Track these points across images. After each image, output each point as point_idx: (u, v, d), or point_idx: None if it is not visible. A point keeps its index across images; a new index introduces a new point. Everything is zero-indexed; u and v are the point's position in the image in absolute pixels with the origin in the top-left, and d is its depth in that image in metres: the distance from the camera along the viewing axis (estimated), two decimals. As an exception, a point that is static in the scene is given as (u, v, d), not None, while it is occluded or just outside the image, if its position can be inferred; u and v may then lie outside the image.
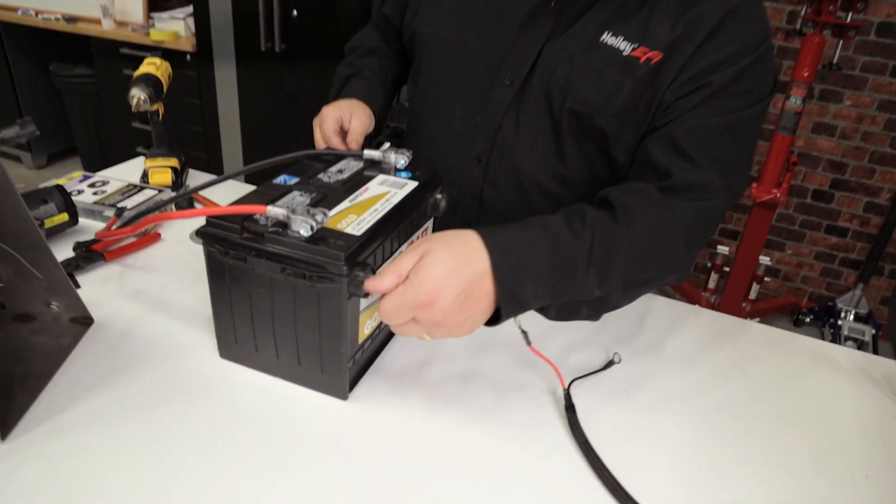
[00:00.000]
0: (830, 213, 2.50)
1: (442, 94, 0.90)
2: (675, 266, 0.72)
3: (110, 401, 0.63)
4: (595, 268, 0.63)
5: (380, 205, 0.66)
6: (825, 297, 2.62)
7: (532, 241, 0.61)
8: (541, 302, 0.63)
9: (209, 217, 0.60)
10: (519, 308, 0.62)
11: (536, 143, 0.82)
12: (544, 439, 0.64)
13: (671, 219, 0.69)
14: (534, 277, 0.61)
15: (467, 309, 0.58)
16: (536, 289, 0.61)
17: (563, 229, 0.63)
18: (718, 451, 0.64)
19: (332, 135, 0.83)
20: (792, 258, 2.63)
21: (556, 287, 0.62)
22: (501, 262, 0.59)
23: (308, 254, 0.57)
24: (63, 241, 0.89)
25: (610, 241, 0.64)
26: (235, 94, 2.48)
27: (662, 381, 0.73)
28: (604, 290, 0.66)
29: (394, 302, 0.57)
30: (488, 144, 0.85)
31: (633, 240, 0.66)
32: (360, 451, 0.60)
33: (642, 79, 0.73)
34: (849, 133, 2.36)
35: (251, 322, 0.64)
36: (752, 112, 0.73)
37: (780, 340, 0.84)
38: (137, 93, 0.92)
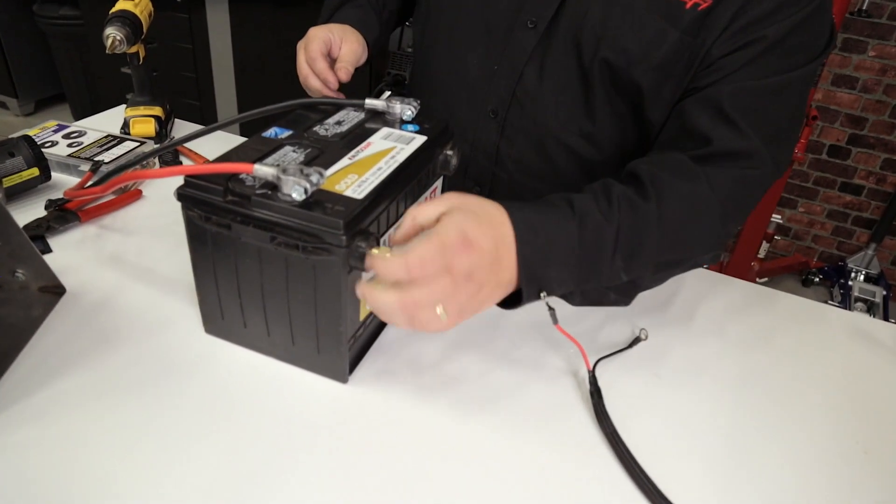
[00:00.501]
0: (846, 170, 2.40)
1: (453, 36, 0.80)
2: (710, 245, 0.65)
3: (83, 382, 0.56)
4: (622, 253, 0.57)
5: (384, 162, 0.58)
6: (836, 256, 2.56)
7: (560, 222, 0.55)
8: (563, 288, 0.57)
9: (187, 176, 0.52)
10: (543, 290, 0.55)
11: (562, 95, 0.73)
12: (566, 427, 0.57)
13: (707, 194, 0.61)
14: (559, 261, 0.55)
15: (495, 272, 0.51)
16: (561, 273, 0.55)
17: (591, 209, 0.57)
18: (757, 442, 0.58)
19: (317, 56, 0.75)
20: (803, 216, 2.55)
21: (582, 274, 0.56)
22: (527, 239, 0.52)
23: (301, 221, 0.49)
24: (35, 198, 0.81)
25: (638, 222, 0.58)
26: (229, 37, 2.35)
27: (693, 360, 0.67)
28: (631, 275, 0.59)
29: (425, 247, 0.47)
30: (506, 96, 0.76)
31: (664, 219, 0.59)
32: (362, 440, 0.54)
33: (688, 28, 0.64)
34: (871, 86, 2.24)
35: (238, 296, 0.56)
36: (805, 71, 0.64)
37: (817, 314, 0.77)
38: (113, 32, 0.82)
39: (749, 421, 0.60)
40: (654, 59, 0.66)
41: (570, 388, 0.61)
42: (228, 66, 2.42)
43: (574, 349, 0.61)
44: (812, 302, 0.77)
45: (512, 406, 0.58)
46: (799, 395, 0.64)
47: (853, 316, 0.76)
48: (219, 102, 2.54)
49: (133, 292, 0.67)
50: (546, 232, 0.54)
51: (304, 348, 0.57)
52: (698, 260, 0.66)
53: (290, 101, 0.67)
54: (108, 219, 0.78)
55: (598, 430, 0.57)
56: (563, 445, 0.55)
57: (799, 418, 0.61)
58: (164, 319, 0.64)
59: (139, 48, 0.92)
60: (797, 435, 0.59)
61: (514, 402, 0.59)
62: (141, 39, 0.88)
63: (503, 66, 0.75)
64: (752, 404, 0.62)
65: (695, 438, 0.57)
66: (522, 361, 0.64)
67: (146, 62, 0.95)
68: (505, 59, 0.75)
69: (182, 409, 0.55)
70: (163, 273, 0.70)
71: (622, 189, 0.59)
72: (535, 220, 0.54)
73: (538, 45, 0.72)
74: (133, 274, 0.70)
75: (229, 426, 0.53)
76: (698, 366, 0.66)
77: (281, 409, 0.55)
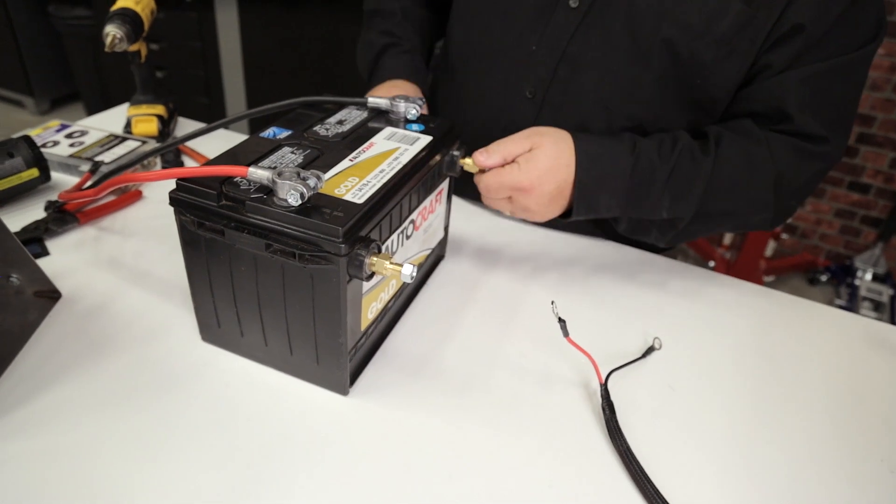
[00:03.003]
0: (854, 169, 2.34)
1: (490, 20, 0.77)
2: (760, 206, 0.69)
3: (75, 393, 0.54)
4: (670, 191, 0.66)
5: (386, 164, 0.55)
6: (842, 255, 2.50)
7: (617, 157, 0.66)
8: (611, 212, 0.68)
9: (180, 180, 0.49)
10: (590, 212, 0.67)
11: (608, 76, 0.71)
12: (577, 443, 0.54)
13: (763, 156, 0.67)
14: (610, 190, 0.66)
15: (553, 203, 0.66)
16: (610, 201, 0.67)
17: (650, 150, 0.66)
18: (777, 460, 0.54)
19: None
20: (811, 215, 2.49)
21: (630, 202, 0.67)
22: (585, 167, 0.65)
23: (298, 227, 0.47)
24: (35, 200, 0.79)
25: (692, 171, 0.66)
26: (238, 36, 2.34)
27: (708, 371, 0.63)
28: (673, 213, 0.68)
29: (498, 180, 0.64)
30: (546, 77, 0.73)
31: (716, 169, 0.66)
32: (363, 455, 0.51)
33: None
34: (880, 84, 2.17)
35: (234, 305, 0.54)
36: (868, 51, 0.65)
37: (841, 322, 0.73)
38: (112, 30, 0.80)
39: (768, 437, 0.57)
40: (717, 31, 0.64)
41: (581, 401, 0.58)
42: (238, 64, 2.41)
43: (585, 359, 0.58)
44: (837, 310, 0.74)
45: (520, 421, 0.56)
46: (822, 408, 0.60)
47: (879, 326, 0.72)
48: (228, 101, 2.53)
49: (130, 297, 0.65)
50: (602, 165, 0.66)
51: (303, 359, 0.54)
52: (748, 219, 0.71)
53: (291, 99, 0.65)
54: (107, 220, 0.76)
55: (610, 447, 0.54)
56: (574, 462, 0.52)
57: (823, 434, 0.58)
58: (161, 326, 0.62)
59: (141, 46, 0.90)
60: (821, 452, 0.56)
61: (523, 416, 0.56)
62: (142, 37, 0.86)
63: (542, 46, 0.72)
64: (771, 419, 0.59)
65: (711, 456, 0.54)
66: (531, 373, 0.61)
67: (148, 60, 0.93)
68: (545, 40, 0.72)
69: (177, 420, 0.52)
70: (161, 277, 0.68)
71: (688, 141, 0.68)
72: (596, 152, 0.66)
73: (581, 24, 0.70)
74: (130, 278, 0.68)
75: (226, 439, 0.51)
76: (714, 377, 0.63)
77: (279, 421, 0.53)
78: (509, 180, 0.64)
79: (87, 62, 2.93)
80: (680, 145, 0.67)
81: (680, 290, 0.74)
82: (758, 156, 0.67)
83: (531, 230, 0.83)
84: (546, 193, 0.64)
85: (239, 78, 2.44)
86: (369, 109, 0.66)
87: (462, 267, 0.75)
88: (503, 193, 0.65)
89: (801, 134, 0.67)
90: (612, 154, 0.66)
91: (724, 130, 0.68)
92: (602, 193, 0.66)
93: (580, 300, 0.71)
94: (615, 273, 0.76)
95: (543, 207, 0.66)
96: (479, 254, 0.77)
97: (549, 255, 0.79)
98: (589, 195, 0.66)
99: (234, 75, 2.44)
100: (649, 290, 0.74)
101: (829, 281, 2.44)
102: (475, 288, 0.71)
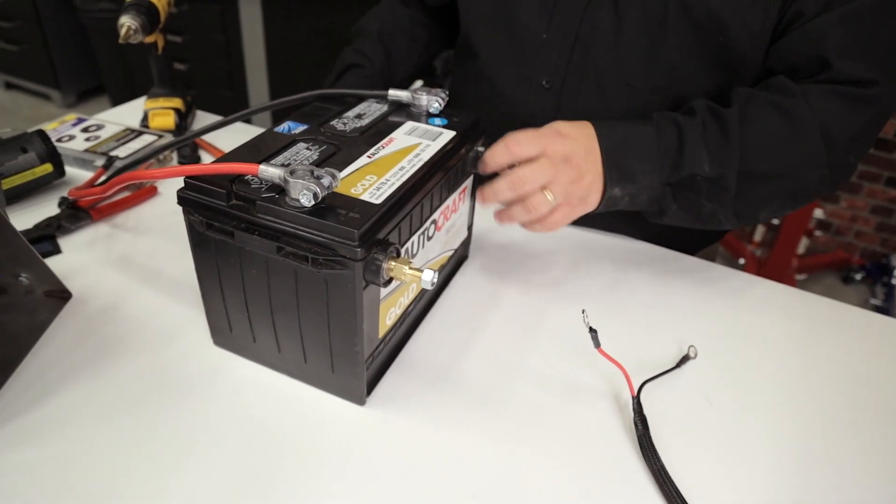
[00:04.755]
0: (892, 164, 2.25)
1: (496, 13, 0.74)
2: (809, 161, 0.62)
3: (84, 397, 0.52)
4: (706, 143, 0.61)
5: (407, 161, 0.52)
6: (878, 253, 2.40)
7: (637, 125, 0.63)
8: (649, 177, 0.62)
9: (188, 178, 0.47)
10: (624, 181, 0.62)
11: (625, 52, 0.67)
12: (607, 460, 0.50)
13: (801, 108, 0.61)
14: (640, 152, 0.62)
15: (592, 161, 0.60)
16: (643, 164, 0.62)
17: (668, 114, 0.63)
18: (826, 478, 0.50)
19: None
20: (846, 211, 2.40)
21: (664, 163, 0.62)
22: (607, 133, 0.61)
23: (311, 229, 0.44)
24: (49, 195, 0.78)
25: (720, 121, 0.62)
26: (261, 28, 2.32)
27: (747, 383, 0.59)
28: (718, 167, 0.61)
29: (521, 132, 0.59)
30: (561, 64, 0.70)
31: (750, 126, 0.61)
32: (380, 469, 0.48)
33: None
34: None
35: (246, 309, 0.51)
36: None
37: (888, 329, 0.68)
38: (127, 21, 0.78)
39: (815, 454, 0.52)
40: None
41: (611, 415, 0.54)
42: (261, 57, 2.40)
43: (615, 368, 0.55)
44: (886, 318, 0.69)
45: (546, 435, 0.52)
46: (873, 423, 0.56)
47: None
48: (251, 94, 2.52)
49: (142, 297, 0.63)
50: (623, 130, 0.62)
51: (318, 367, 0.52)
52: (804, 179, 0.64)
53: (308, 92, 0.62)
54: (121, 217, 0.74)
55: (642, 465, 0.50)
56: (604, 481, 0.49)
57: (875, 451, 0.53)
58: (172, 329, 0.59)
59: (157, 38, 0.88)
60: (873, 472, 0.51)
61: (549, 430, 0.53)
62: (159, 29, 0.84)
63: (553, 33, 0.69)
64: (817, 434, 0.54)
65: (752, 476, 0.50)
66: (557, 383, 0.57)
67: (165, 52, 0.91)
68: (554, 26, 0.69)
69: (188, 427, 0.50)
70: (174, 276, 0.66)
71: (706, 102, 0.64)
72: (614, 123, 0.62)
73: (589, 4, 0.67)
74: (142, 277, 0.65)
75: (237, 448, 0.48)
76: (754, 389, 0.58)
77: (292, 431, 0.50)
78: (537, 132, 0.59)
79: (113, 55, 2.94)
80: (697, 105, 0.63)
81: (714, 294, 0.70)
82: (794, 109, 0.61)
83: (558, 229, 0.79)
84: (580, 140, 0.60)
85: (262, 71, 2.43)
86: (389, 103, 0.63)
87: (486, 269, 0.71)
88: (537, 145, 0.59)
89: (844, 81, 0.61)
90: (629, 125, 0.62)
91: (753, 90, 0.64)
92: (632, 157, 0.61)
93: (609, 304, 0.67)
94: (646, 275, 0.72)
95: (583, 158, 0.60)
96: (504, 254, 0.74)
97: (576, 255, 0.75)
98: (618, 159, 0.61)
99: (258, 68, 2.43)
100: (682, 294, 0.70)
101: (864, 280, 2.36)
102: (499, 291, 0.68)
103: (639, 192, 0.63)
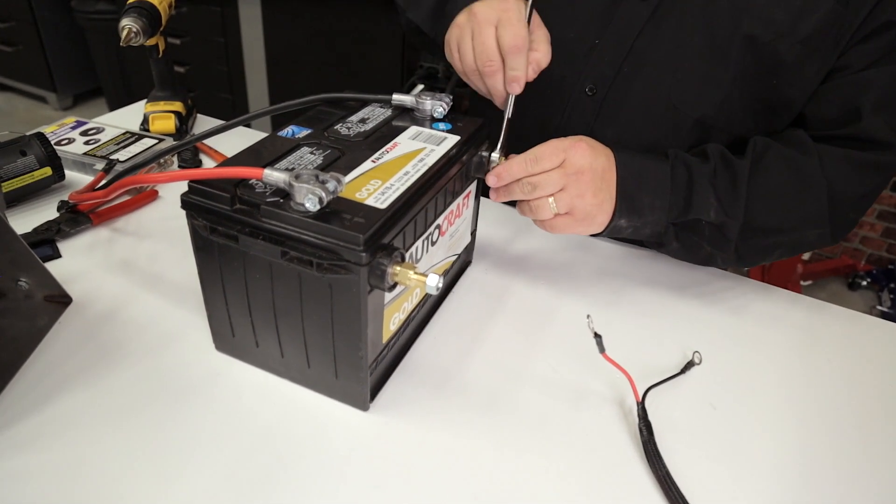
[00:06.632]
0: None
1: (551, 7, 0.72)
2: (814, 221, 0.64)
3: (84, 403, 0.52)
4: (715, 188, 0.62)
5: (411, 166, 0.52)
6: (885, 259, 2.40)
7: (654, 160, 0.63)
8: (656, 214, 0.63)
9: (191, 182, 0.46)
10: (632, 214, 0.62)
11: (679, 74, 0.67)
12: (611, 465, 0.50)
13: (812, 167, 0.62)
14: (652, 187, 0.62)
15: (607, 185, 0.61)
16: (654, 200, 0.62)
17: (685, 155, 0.64)
18: (831, 486, 0.50)
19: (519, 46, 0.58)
20: (852, 216, 2.40)
21: (674, 204, 0.62)
22: (625, 163, 0.61)
23: (316, 234, 0.43)
24: (48, 199, 0.77)
25: (734, 171, 0.62)
26: (261, 31, 2.32)
27: (753, 388, 0.59)
28: (722, 214, 0.62)
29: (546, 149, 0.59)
30: (609, 73, 0.69)
31: (760, 177, 0.62)
32: (383, 474, 0.48)
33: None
34: None
35: (249, 314, 0.51)
36: None
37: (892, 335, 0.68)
38: (128, 23, 0.77)
39: (821, 461, 0.52)
40: (803, 31, 0.60)
41: (616, 421, 0.54)
42: (260, 60, 2.40)
43: (619, 374, 0.54)
44: (890, 324, 0.69)
45: (550, 441, 0.52)
46: (879, 429, 0.56)
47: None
48: (251, 97, 2.51)
49: (143, 302, 0.62)
50: (641, 162, 0.62)
51: (321, 372, 0.51)
52: (803, 236, 0.65)
53: (311, 95, 0.62)
54: (121, 221, 0.74)
55: (647, 471, 0.50)
56: (608, 487, 0.48)
57: (881, 457, 0.53)
58: (173, 333, 0.59)
59: (159, 40, 0.87)
60: (881, 479, 0.51)
61: (553, 436, 0.52)
62: (160, 31, 0.84)
63: (607, 40, 0.68)
64: (823, 441, 0.54)
65: (758, 482, 0.50)
66: (562, 389, 0.57)
67: (166, 55, 0.91)
68: (610, 33, 0.68)
69: (189, 433, 0.50)
70: (174, 281, 0.65)
71: (719, 147, 0.65)
72: (635, 154, 0.63)
73: (652, 17, 0.66)
74: (143, 282, 0.65)
75: (239, 454, 0.48)
76: (759, 395, 0.58)
77: (295, 437, 0.50)
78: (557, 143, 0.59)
79: (110, 57, 2.94)
80: (711, 149, 0.64)
81: (719, 300, 0.70)
82: (805, 167, 0.62)
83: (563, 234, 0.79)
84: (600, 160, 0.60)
85: (262, 74, 2.42)
86: (393, 107, 0.63)
87: (490, 274, 0.71)
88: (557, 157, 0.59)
89: (863, 139, 0.62)
90: (647, 159, 0.63)
91: (770, 141, 0.65)
92: (644, 190, 0.62)
93: (613, 309, 0.67)
94: (650, 281, 0.72)
95: (598, 178, 0.60)
96: (507, 259, 0.74)
97: (580, 261, 0.74)
98: (631, 191, 0.61)
99: (257, 71, 2.43)
100: (686, 300, 0.69)
101: (870, 286, 2.36)
102: (503, 296, 0.67)
103: (643, 225, 0.64)
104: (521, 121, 0.69)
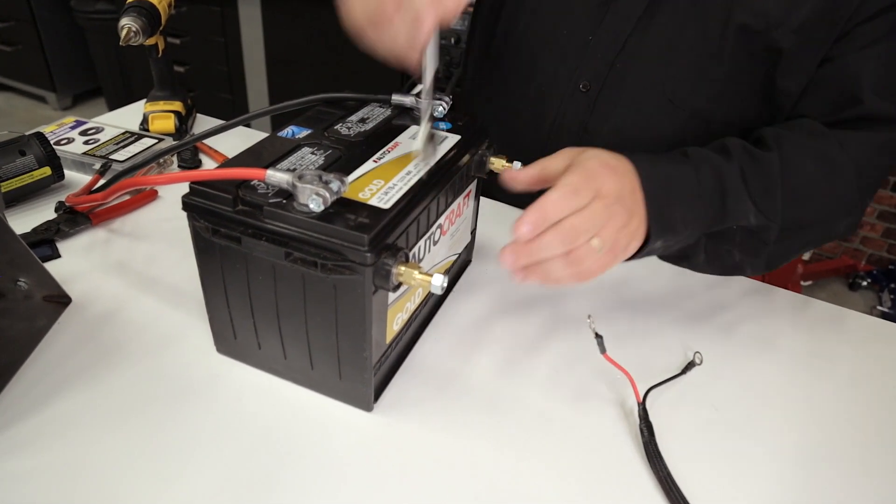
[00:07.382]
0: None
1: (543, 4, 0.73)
2: (845, 210, 0.61)
3: (83, 405, 0.51)
4: (749, 190, 0.56)
5: (413, 166, 0.52)
6: (885, 259, 2.40)
7: (674, 164, 0.55)
8: (691, 228, 0.55)
9: (192, 183, 0.46)
10: (666, 232, 0.54)
11: (672, 68, 0.66)
12: (612, 466, 0.50)
13: (836, 152, 0.59)
14: (682, 198, 0.54)
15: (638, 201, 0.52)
16: (686, 213, 0.54)
17: (705, 153, 0.57)
18: (834, 486, 0.50)
19: None
20: (852, 217, 2.40)
21: (708, 212, 0.56)
22: (648, 174, 0.53)
23: (320, 234, 0.43)
24: (47, 199, 0.77)
25: (760, 165, 0.57)
26: (261, 31, 2.32)
27: (754, 389, 0.59)
28: (762, 217, 0.57)
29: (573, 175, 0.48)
30: (603, 69, 0.69)
31: (787, 167, 0.58)
32: (387, 475, 0.48)
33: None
34: None
35: (251, 315, 0.50)
36: None
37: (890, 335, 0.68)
38: (128, 23, 0.77)
39: (819, 462, 0.52)
40: (796, 20, 0.60)
41: (617, 421, 0.54)
42: (260, 60, 2.39)
43: (620, 374, 0.54)
44: (891, 324, 0.69)
45: (551, 441, 0.52)
46: (883, 429, 0.56)
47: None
48: (251, 97, 2.51)
49: (142, 303, 0.62)
50: (664, 169, 0.54)
51: (325, 374, 0.51)
52: (833, 227, 0.62)
53: (311, 95, 0.62)
54: (120, 221, 0.74)
55: (648, 471, 0.50)
56: (609, 488, 0.48)
57: (878, 456, 0.53)
58: (174, 335, 0.59)
59: (158, 40, 0.87)
60: (883, 480, 0.51)
61: (554, 436, 0.52)
62: (160, 31, 0.83)
63: (601, 35, 0.68)
64: (825, 442, 0.54)
65: (760, 483, 0.50)
66: (564, 389, 0.57)
67: (166, 55, 0.90)
68: (604, 29, 0.67)
69: (190, 435, 0.49)
70: (174, 282, 0.65)
71: (739, 141, 0.59)
72: (653, 159, 0.55)
73: (645, 12, 0.65)
74: (142, 283, 0.65)
75: (241, 456, 0.48)
76: (760, 395, 0.58)
77: (298, 439, 0.50)
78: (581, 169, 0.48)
79: (110, 57, 2.93)
80: (731, 145, 0.58)
81: (720, 300, 0.70)
82: (829, 154, 0.59)
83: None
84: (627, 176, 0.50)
85: (262, 73, 2.42)
86: (393, 107, 0.62)
87: (490, 272, 0.71)
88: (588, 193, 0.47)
89: (869, 119, 0.60)
90: (668, 164, 0.55)
91: (781, 131, 0.61)
92: (674, 203, 0.54)
93: (613, 309, 0.67)
94: (651, 281, 0.72)
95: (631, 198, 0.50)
96: (507, 259, 0.73)
97: (581, 261, 0.74)
98: (662, 207, 0.53)
99: (257, 71, 2.43)
100: (687, 300, 0.69)
101: (870, 286, 2.36)
102: (503, 295, 0.67)
103: (676, 243, 0.57)
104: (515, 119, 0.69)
